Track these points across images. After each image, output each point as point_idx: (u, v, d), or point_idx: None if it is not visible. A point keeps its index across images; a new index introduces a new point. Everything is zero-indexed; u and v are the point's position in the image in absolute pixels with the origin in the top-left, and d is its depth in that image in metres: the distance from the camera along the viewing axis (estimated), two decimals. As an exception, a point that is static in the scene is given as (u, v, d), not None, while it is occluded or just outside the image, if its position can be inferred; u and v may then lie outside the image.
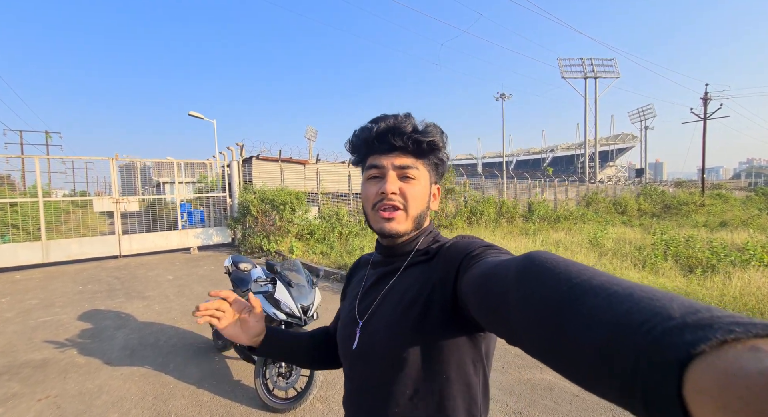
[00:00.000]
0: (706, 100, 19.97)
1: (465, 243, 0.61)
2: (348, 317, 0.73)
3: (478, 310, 0.48)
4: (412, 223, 0.68)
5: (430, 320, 0.59)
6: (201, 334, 3.80)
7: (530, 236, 9.35)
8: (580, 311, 0.31)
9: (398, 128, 0.65)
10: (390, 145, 0.66)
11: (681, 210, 16.81)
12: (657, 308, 0.26)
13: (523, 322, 0.37)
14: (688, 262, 5.99)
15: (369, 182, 0.69)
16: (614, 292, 0.30)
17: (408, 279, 0.66)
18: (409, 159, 0.67)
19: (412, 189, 0.67)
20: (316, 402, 2.59)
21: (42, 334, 3.90)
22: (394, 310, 0.64)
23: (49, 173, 18.61)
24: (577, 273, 0.35)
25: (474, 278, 0.50)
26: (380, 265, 0.74)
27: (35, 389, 2.80)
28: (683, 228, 10.55)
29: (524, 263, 0.40)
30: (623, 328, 0.27)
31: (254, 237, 8.82)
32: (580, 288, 0.33)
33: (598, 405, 2.50)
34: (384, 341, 0.63)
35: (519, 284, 0.39)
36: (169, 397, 2.66)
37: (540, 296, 0.36)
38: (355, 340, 0.68)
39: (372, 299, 0.70)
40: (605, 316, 0.29)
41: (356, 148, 0.71)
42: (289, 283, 2.68)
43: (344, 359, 0.73)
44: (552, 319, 0.33)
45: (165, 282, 6.12)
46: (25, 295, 5.47)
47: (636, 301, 0.28)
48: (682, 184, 28.66)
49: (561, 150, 59.82)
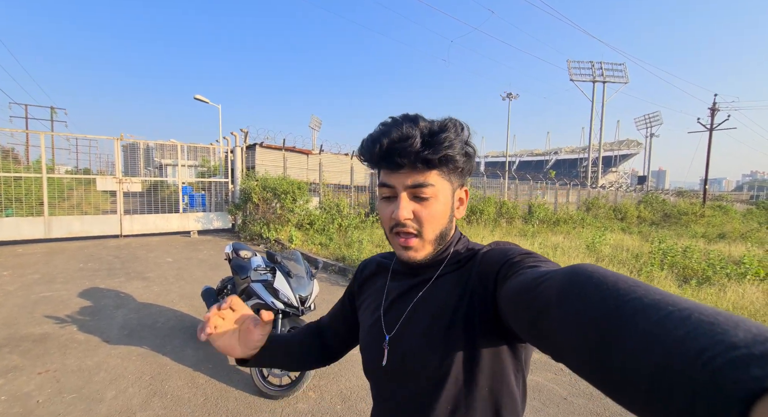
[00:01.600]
0: (714, 110, 19.84)
1: (502, 250, 0.58)
2: (372, 331, 0.68)
3: (518, 323, 0.46)
4: (431, 246, 0.62)
5: (470, 332, 0.56)
6: (199, 318, 3.86)
7: (528, 238, 9.39)
8: (629, 335, 0.28)
9: (403, 147, 0.56)
10: (396, 164, 0.59)
11: (680, 219, 16.82)
12: (718, 335, 0.23)
13: (566, 342, 0.35)
14: (684, 272, 6.03)
15: (383, 202, 0.63)
16: (669, 313, 0.27)
17: (441, 290, 0.62)
18: (421, 175, 0.59)
19: (427, 211, 0.60)
20: (309, 391, 2.65)
21: (43, 309, 3.96)
22: (430, 323, 0.60)
23: (53, 149, 18.61)
24: (627, 290, 0.31)
25: (514, 289, 0.47)
26: (406, 276, 0.69)
27: (35, 363, 2.86)
28: (681, 238, 10.58)
29: (569, 277, 0.37)
30: (678, 357, 0.24)
31: (254, 224, 8.86)
32: (631, 307, 0.30)
33: (585, 409, 2.56)
34: (420, 356, 0.59)
35: (563, 300, 0.36)
36: (166, 378, 2.72)
37: (585, 315, 0.33)
38: (384, 356, 0.63)
39: (400, 312, 0.65)
40: (658, 340, 0.26)
41: (366, 160, 0.65)
42: (289, 273, 2.71)
43: (372, 376, 0.69)
44: (598, 341, 0.30)
45: (165, 264, 6.18)
46: (27, 270, 5.54)
47: (694, 325, 0.25)
48: (683, 194, 28.62)
49: (565, 153, 59.58)
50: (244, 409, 2.41)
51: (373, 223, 9.85)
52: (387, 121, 0.62)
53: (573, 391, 2.77)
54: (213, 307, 0.64)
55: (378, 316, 0.68)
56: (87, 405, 2.37)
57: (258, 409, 2.41)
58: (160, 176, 18.63)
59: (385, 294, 0.70)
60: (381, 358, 0.64)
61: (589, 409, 2.56)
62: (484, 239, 8.78)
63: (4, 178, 7.49)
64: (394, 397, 0.63)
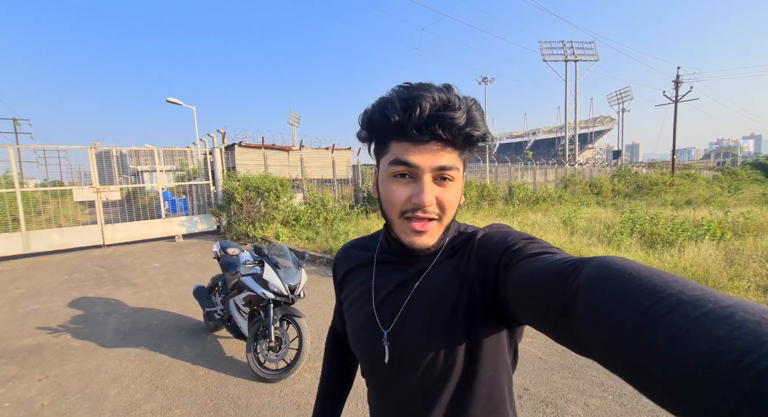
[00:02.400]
0: (678, 83, 20.66)
1: (501, 234, 0.55)
2: (366, 327, 0.64)
3: (532, 315, 0.43)
4: (442, 230, 0.58)
5: (471, 320, 0.54)
6: (192, 317, 3.97)
7: (509, 217, 9.74)
8: (665, 334, 0.26)
9: (450, 118, 0.50)
10: (432, 135, 0.51)
11: (652, 190, 17.62)
12: (764, 336, 0.22)
13: (595, 337, 0.33)
14: (651, 238, 6.44)
15: (394, 181, 0.55)
16: (709, 310, 0.26)
17: (438, 279, 0.59)
18: (452, 156, 0.54)
19: (449, 194, 0.55)
20: (304, 372, 2.82)
21: (33, 321, 3.98)
22: (431, 314, 0.57)
23: (20, 162, 17.79)
24: (663, 286, 0.30)
25: (522, 279, 0.45)
26: (396, 265, 0.65)
27: (33, 371, 2.93)
28: (652, 207, 11.15)
29: (598, 269, 0.35)
30: (719, 358, 0.23)
31: (240, 224, 8.88)
32: (667, 304, 0.28)
33: (558, 364, 2.83)
34: (424, 349, 0.57)
35: (593, 297, 0.34)
36: (166, 373, 2.85)
37: (618, 313, 0.31)
38: (386, 352, 0.61)
39: (396, 306, 0.61)
40: (696, 340, 0.24)
41: (376, 127, 0.56)
42: (276, 264, 2.85)
43: (372, 373, 0.67)
44: (631, 338, 0.29)
45: (152, 269, 6.19)
46: (10, 286, 5.47)
47: (737, 324, 0.24)
48: (654, 165, 29.82)
49: (543, 133, 60.71)
50: (245, 393, 2.57)
51: (358, 214, 10.00)
52: (410, 85, 0.53)
53: (546, 351, 3.04)
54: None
55: (370, 311, 0.64)
56: (92, 403, 2.49)
57: (258, 392, 2.58)
58: (137, 183, 18.18)
59: (373, 287, 0.66)
60: (382, 355, 0.61)
61: (561, 364, 2.83)
62: (465, 222, 9.05)
63: (-27, 196, 7.25)
64: (398, 391, 0.61)
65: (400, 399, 0.61)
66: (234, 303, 3.03)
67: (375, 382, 0.67)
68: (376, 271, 0.67)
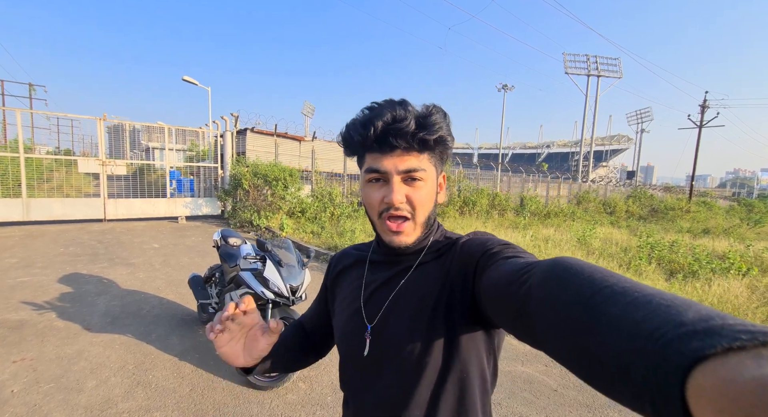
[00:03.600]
0: (704, 107, 20.07)
1: (482, 240, 0.59)
2: (352, 322, 0.68)
3: (499, 313, 0.47)
4: (420, 230, 0.63)
5: (450, 319, 0.57)
6: (185, 306, 3.76)
7: (520, 230, 9.44)
8: (600, 319, 0.31)
9: (399, 128, 0.56)
10: (391, 145, 0.58)
11: (667, 214, 17.17)
12: (671, 315, 0.26)
13: (545, 328, 0.37)
14: (671, 266, 6.14)
15: (370, 186, 0.62)
16: (634, 299, 0.30)
17: (421, 279, 0.63)
18: (414, 159, 0.59)
19: (419, 193, 0.60)
20: (299, 381, 2.60)
21: (20, 295, 3.80)
22: (413, 311, 0.60)
23: (32, 128, 17.82)
24: (601, 280, 0.34)
25: (494, 279, 0.48)
26: (385, 264, 0.69)
27: (10, 350, 2.74)
28: (668, 232, 10.79)
29: (549, 268, 0.40)
30: (637, 335, 0.27)
31: (244, 211, 8.68)
32: (602, 295, 0.32)
33: (575, 401, 2.57)
34: (404, 344, 0.60)
35: (542, 289, 0.38)
36: (150, 367, 2.64)
37: (563, 302, 0.35)
38: (366, 346, 0.63)
39: (381, 301, 0.65)
40: (622, 324, 0.29)
41: (350, 145, 0.63)
42: (279, 262, 2.62)
43: (350, 366, 0.69)
44: (574, 327, 0.33)
45: (151, 250, 6.01)
46: (4, 254, 5.31)
47: (653, 308, 0.28)
48: (670, 189, 29.22)
49: (557, 146, 60.04)
50: (232, 400, 2.35)
51: (365, 212, 9.77)
52: (372, 105, 0.61)
53: (563, 383, 2.78)
54: (230, 305, 0.61)
55: (358, 306, 0.68)
56: (65, 395, 2.27)
57: (246, 400, 2.35)
58: (147, 159, 18.08)
59: (363, 285, 0.69)
60: (362, 348, 0.64)
61: (579, 401, 2.57)
62: (485, 231, 8.80)
63: (-22, 157, 7.13)
64: (374, 386, 0.63)
65: (375, 394, 0.63)
66: (230, 298, 2.80)
67: (352, 376, 0.68)
68: (367, 270, 0.71)
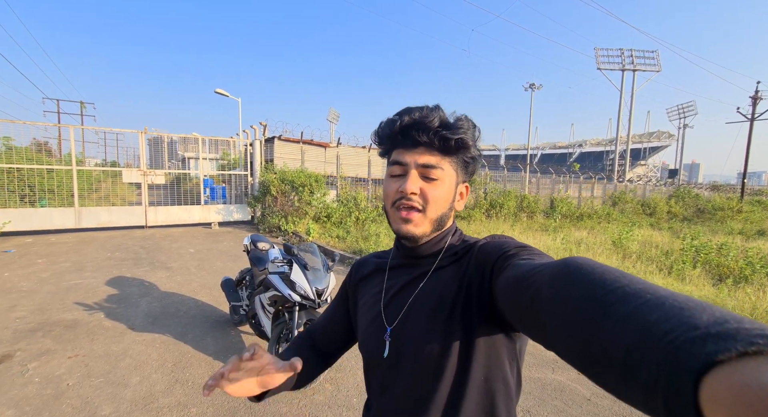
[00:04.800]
0: (756, 99, 18.52)
1: (499, 243, 0.60)
2: (373, 325, 0.70)
3: (512, 312, 0.48)
4: (430, 225, 0.64)
5: (468, 323, 0.58)
6: (218, 308, 3.94)
7: (551, 233, 9.12)
8: (611, 318, 0.31)
9: (423, 123, 0.61)
10: (414, 140, 0.62)
11: (715, 215, 15.93)
12: (685, 318, 0.26)
13: (556, 327, 0.37)
14: (719, 271, 5.70)
15: (390, 179, 0.66)
16: (647, 300, 0.30)
17: (439, 281, 0.64)
18: (434, 157, 0.62)
19: (434, 190, 0.63)
20: (325, 383, 2.65)
21: (73, 296, 4.14)
22: (430, 314, 0.61)
23: (83, 142, 19.41)
24: (613, 280, 0.34)
25: (509, 280, 0.49)
26: (403, 268, 0.71)
27: (66, 347, 2.99)
28: (716, 234, 10.02)
29: (560, 268, 0.40)
30: (649, 336, 0.27)
31: (273, 216, 8.98)
32: (614, 295, 0.32)
33: (610, 411, 2.45)
34: (421, 347, 0.60)
35: (553, 288, 0.39)
36: (187, 366, 2.79)
37: (573, 302, 0.35)
38: (386, 348, 0.65)
39: (400, 305, 0.66)
40: (634, 324, 0.29)
41: (381, 140, 0.69)
42: (305, 265, 2.70)
43: (371, 368, 0.70)
44: (584, 325, 0.33)
45: (187, 254, 6.35)
46: (60, 258, 5.81)
47: (666, 310, 0.28)
48: (719, 188, 27.07)
49: (590, 145, 57.44)
50: (262, 399, 2.43)
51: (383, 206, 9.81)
52: (409, 107, 0.65)
53: (597, 392, 2.65)
54: (233, 360, 0.55)
55: (378, 310, 0.69)
56: (113, 389, 2.45)
57: (275, 400, 2.43)
58: (183, 169, 19.16)
59: (384, 289, 0.71)
60: (382, 350, 0.65)
61: (614, 411, 2.44)
62: (503, 234, 8.59)
63: (38, 171, 7.87)
64: (393, 388, 0.64)
65: (395, 395, 0.64)
66: (259, 300, 2.92)
67: (374, 378, 0.69)
68: (387, 276, 0.72)
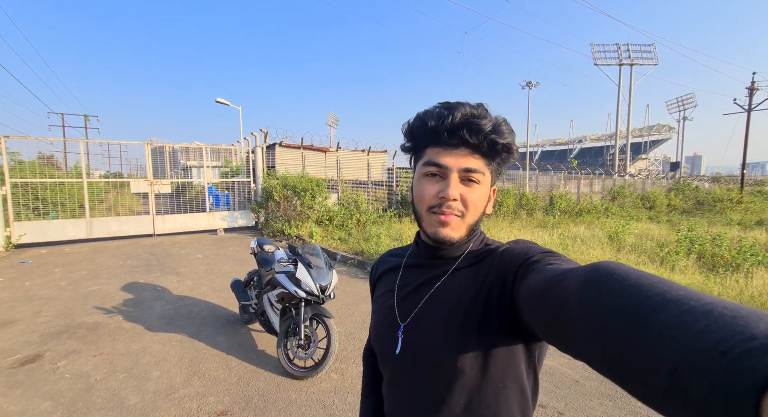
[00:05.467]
0: (753, 89, 18.61)
1: (523, 248, 0.58)
2: (387, 321, 0.69)
3: (537, 321, 0.45)
4: (466, 230, 0.62)
5: (487, 327, 0.56)
6: (228, 309, 4.16)
7: (548, 229, 9.28)
8: (649, 329, 0.28)
9: (477, 124, 0.56)
10: (461, 140, 0.58)
11: (715, 207, 15.99)
12: (738, 327, 0.24)
13: (586, 338, 0.34)
14: (713, 261, 5.83)
15: (426, 179, 0.61)
16: (690, 308, 0.27)
17: (457, 283, 0.62)
18: (479, 161, 0.59)
19: (473, 194, 0.60)
20: (331, 372, 2.85)
21: (92, 301, 4.38)
22: (445, 317, 0.60)
23: (87, 155, 19.70)
24: (650, 286, 0.31)
25: (533, 286, 0.47)
26: (420, 268, 0.69)
27: (90, 347, 3.21)
28: (714, 226, 10.12)
29: (590, 273, 0.37)
30: (697, 349, 0.24)
31: (276, 221, 9.21)
32: (652, 302, 0.30)
33: (597, 391, 2.63)
34: (435, 348, 0.59)
35: (583, 296, 0.36)
36: (203, 361, 3.00)
37: (606, 310, 0.33)
38: (398, 344, 0.64)
39: (415, 302, 0.65)
40: (678, 335, 0.26)
41: (416, 134, 0.63)
42: (309, 264, 2.91)
43: (385, 365, 0.70)
44: (618, 336, 0.31)
45: (195, 260, 6.58)
46: (75, 267, 6.06)
47: (714, 319, 0.25)
48: (719, 179, 27.07)
49: (590, 141, 57.41)
50: (273, 387, 2.64)
51: (390, 217, 10.01)
52: (447, 102, 0.61)
53: (585, 375, 2.84)
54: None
55: (391, 304, 0.69)
56: (137, 382, 2.68)
57: (285, 388, 2.64)
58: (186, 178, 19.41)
59: (398, 285, 0.70)
60: (395, 346, 0.64)
61: (601, 391, 2.63)
62: (502, 231, 8.76)
63: (49, 184, 8.16)
64: (406, 386, 0.64)
65: (409, 393, 0.64)
66: (267, 298, 3.13)
67: (388, 374, 0.69)
68: (402, 273, 0.72)
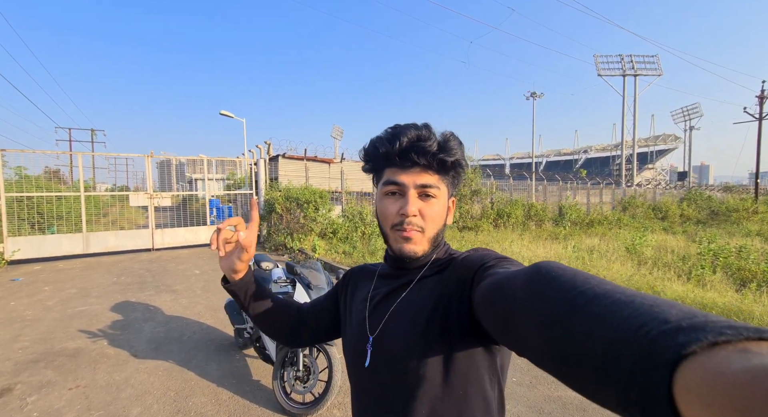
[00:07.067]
0: (762, 98, 18.31)
1: (480, 255, 0.61)
2: (357, 332, 0.70)
3: (487, 320, 0.48)
4: (428, 243, 0.65)
5: (447, 334, 0.58)
6: (223, 331, 3.85)
7: (561, 241, 8.92)
8: (583, 318, 0.31)
9: (422, 147, 0.61)
10: (412, 162, 0.63)
11: (730, 217, 15.52)
12: (655, 314, 0.27)
13: (528, 330, 0.37)
14: (741, 275, 5.46)
15: (387, 198, 0.66)
16: (617, 299, 0.31)
17: (421, 292, 0.64)
18: (432, 177, 0.64)
19: (431, 209, 0.64)
20: (333, 408, 2.53)
21: (77, 323, 4.08)
22: (409, 324, 0.62)
23: (93, 168, 19.84)
24: (583, 282, 0.35)
25: (485, 289, 0.50)
26: (389, 278, 0.71)
27: (67, 378, 2.91)
28: (733, 237, 9.71)
29: (532, 272, 0.41)
30: (622, 332, 0.27)
31: (279, 234, 8.94)
32: (585, 296, 0.33)
33: None
34: (399, 357, 0.61)
35: (526, 292, 0.39)
36: (190, 394, 2.68)
37: (546, 304, 0.36)
38: (367, 357, 0.65)
39: (382, 313, 0.67)
40: (607, 321, 0.29)
41: (372, 159, 0.68)
42: (309, 284, 2.63)
43: (354, 376, 0.71)
44: (557, 326, 0.34)
45: (193, 276, 6.30)
46: (66, 285, 5.80)
47: (636, 307, 0.29)
48: (731, 189, 26.53)
49: (595, 151, 57.14)
50: (266, 429, 2.31)
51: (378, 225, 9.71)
52: (397, 125, 0.65)
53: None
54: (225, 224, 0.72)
55: (363, 317, 0.70)
56: (112, 423, 2.36)
57: (281, 429, 2.31)
58: (191, 190, 19.37)
59: (370, 297, 0.72)
60: (364, 359, 0.65)
61: None
62: (513, 244, 8.41)
63: (47, 198, 7.99)
64: (373, 395, 0.65)
65: (375, 402, 0.64)
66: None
67: (355, 384, 0.70)
68: (375, 283, 0.74)
